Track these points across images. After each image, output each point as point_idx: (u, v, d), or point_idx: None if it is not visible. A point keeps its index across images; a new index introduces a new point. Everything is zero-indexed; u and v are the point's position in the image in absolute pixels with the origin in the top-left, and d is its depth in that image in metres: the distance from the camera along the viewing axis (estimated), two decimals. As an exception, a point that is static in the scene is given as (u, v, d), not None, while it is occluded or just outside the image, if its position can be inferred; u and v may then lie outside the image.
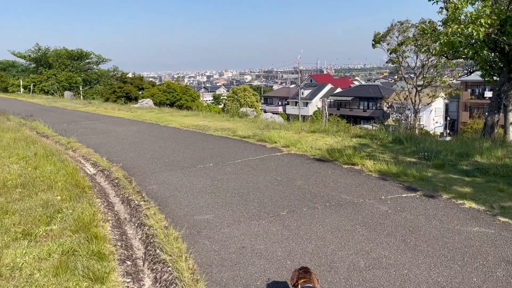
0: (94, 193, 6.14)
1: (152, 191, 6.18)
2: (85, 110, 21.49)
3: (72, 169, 7.12)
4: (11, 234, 4.32)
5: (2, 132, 11.46)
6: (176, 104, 39.36)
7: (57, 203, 5.33)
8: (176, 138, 11.05)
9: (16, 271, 3.59)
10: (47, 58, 57.66)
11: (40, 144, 9.58)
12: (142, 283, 3.75)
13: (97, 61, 61.43)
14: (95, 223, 4.81)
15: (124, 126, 13.89)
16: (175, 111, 18.60)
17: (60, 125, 14.42)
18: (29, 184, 6.14)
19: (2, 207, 5.06)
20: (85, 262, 3.78)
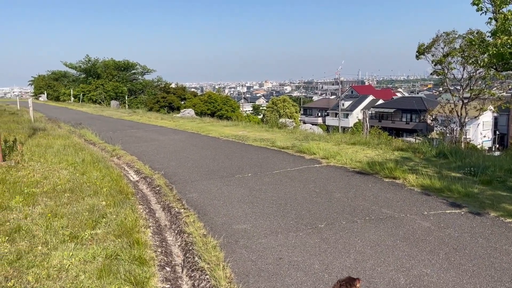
0: (136, 199, 6.34)
1: (192, 199, 6.31)
2: (130, 119, 22.26)
3: (116, 176, 7.40)
4: (59, 237, 4.53)
5: (54, 139, 12.08)
6: (217, 114, 40.01)
7: (102, 208, 5.55)
8: (215, 147, 11.23)
9: (63, 272, 3.76)
10: (96, 69, 60.34)
11: (88, 151, 10.02)
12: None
13: (142, 71, 63.61)
14: (137, 229, 4.96)
15: (166, 135, 14.28)
16: (215, 121, 18.92)
17: (106, 133, 15.02)
18: (77, 189, 6.43)
19: (52, 210, 5.32)
20: (127, 266, 3.90)
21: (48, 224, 4.86)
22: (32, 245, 4.28)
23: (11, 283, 3.47)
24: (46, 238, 4.47)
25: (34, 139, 11.86)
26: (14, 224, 4.82)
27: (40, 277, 3.62)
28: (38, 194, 6.08)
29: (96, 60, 62.19)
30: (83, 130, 15.67)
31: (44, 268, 3.79)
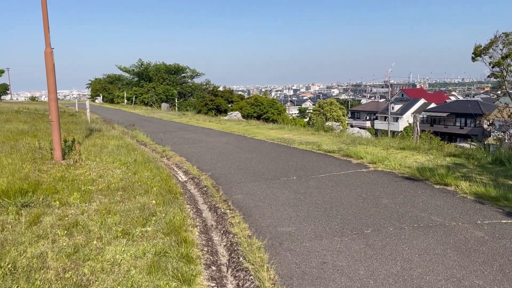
0: (184, 199, 6.53)
1: (238, 201, 6.41)
2: (179, 121, 22.91)
3: (166, 176, 7.66)
4: (112, 232, 4.77)
5: (108, 139, 12.69)
6: (263, 117, 40.24)
7: (152, 207, 5.77)
8: (261, 150, 11.32)
9: (115, 266, 3.96)
10: (148, 72, 62.57)
11: (139, 151, 10.43)
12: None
13: (191, 75, 65.23)
14: (185, 227, 5.11)
15: (213, 137, 14.58)
16: (261, 124, 19.05)
17: (156, 134, 15.58)
18: (129, 188, 6.72)
19: (106, 207, 5.61)
20: (174, 263, 4.05)
21: (103, 220, 5.12)
22: (88, 240, 4.53)
23: (68, 275, 3.71)
24: (101, 233, 4.72)
25: (91, 139, 12.51)
26: (72, 219, 5.13)
27: (95, 270, 3.84)
28: (94, 192, 6.43)
29: (148, 64, 64.56)
30: (135, 131, 16.34)
31: (98, 261, 4.01)
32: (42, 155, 8.96)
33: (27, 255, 4.06)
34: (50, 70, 8.60)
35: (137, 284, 3.62)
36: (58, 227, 4.84)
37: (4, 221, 4.96)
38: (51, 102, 8.72)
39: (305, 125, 31.16)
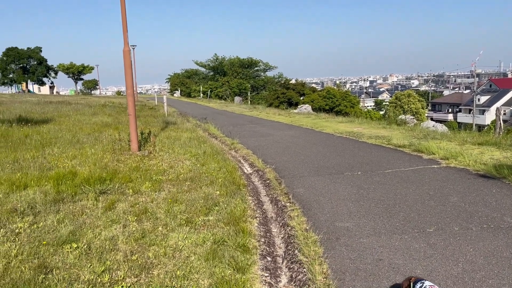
0: (247, 191, 6.73)
1: (298, 194, 6.47)
2: (250, 114, 23.35)
3: (231, 168, 7.93)
4: (177, 220, 5.09)
5: (182, 132, 13.37)
6: (335, 109, 39.58)
7: (215, 197, 6.04)
8: (328, 144, 11.22)
9: (177, 252, 4.24)
10: (223, 67, 64.31)
11: (209, 143, 10.88)
12: (279, 279, 4.01)
13: (264, 68, 65.93)
14: (245, 218, 5.29)
15: (281, 131, 14.70)
16: (330, 117, 18.80)
17: (227, 127, 16.06)
18: (196, 178, 7.07)
19: (173, 196, 5.98)
20: (231, 252, 4.23)
21: (169, 208, 5.47)
22: (155, 226, 4.89)
23: (135, 257, 4.04)
24: (167, 221, 5.05)
25: (166, 131, 13.27)
26: (142, 206, 5.55)
27: (158, 254, 4.14)
28: (164, 181, 6.86)
29: (223, 58, 66.34)
30: (207, 125, 16.99)
31: (162, 247, 4.32)
32: (121, 146, 9.70)
33: (101, 238, 4.48)
34: (128, 68, 9.26)
35: (194, 270, 3.85)
36: (129, 213, 5.27)
37: (84, 206, 5.50)
38: (129, 97, 9.40)
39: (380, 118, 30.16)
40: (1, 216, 4.98)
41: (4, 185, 6.23)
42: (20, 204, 5.43)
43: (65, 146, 9.58)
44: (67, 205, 5.48)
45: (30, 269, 3.66)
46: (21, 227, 4.66)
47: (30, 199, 5.65)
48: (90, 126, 13.76)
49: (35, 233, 4.51)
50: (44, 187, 6.23)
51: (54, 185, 6.23)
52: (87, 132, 12.32)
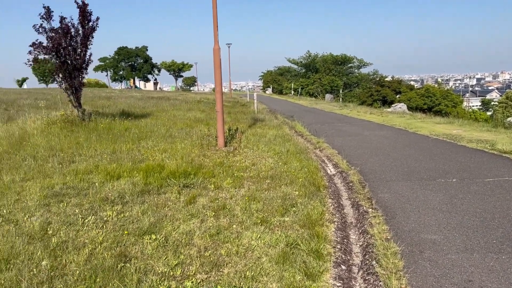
0: (327, 193, 6.50)
1: (382, 200, 6.07)
2: (340, 112, 22.74)
3: (314, 168, 7.73)
4: (253, 219, 5.07)
5: (268, 129, 13.44)
6: (434, 109, 36.91)
7: (294, 198, 5.92)
8: (421, 146, 10.43)
9: (249, 251, 4.21)
10: (315, 64, 63.64)
11: (293, 142, 10.77)
12: (352, 291, 3.78)
13: (358, 65, 63.94)
14: (322, 222, 5.10)
15: (370, 130, 14.05)
16: (427, 118, 17.51)
17: (314, 126, 15.81)
18: (277, 177, 7.02)
19: (252, 194, 5.98)
20: (304, 257, 4.09)
21: (247, 206, 5.49)
22: (230, 223, 4.92)
23: (207, 253, 4.10)
24: (243, 218, 5.06)
25: (253, 128, 13.45)
26: (221, 202, 5.64)
27: (230, 252, 4.15)
28: (245, 178, 6.92)
29: (315, 55, 65.65)
30: (294, 122, 16.91)
31: (235, 245, 4.33)
32: (209, 142, 10.03)
33: (179, 231, 4.63)
34: (217, 66, 9.51)
35: (264, 272, 3.78)
36: (208, 209, 5.38)
37: (168, 198, 5.75)
38: (217, 94, 9.66)
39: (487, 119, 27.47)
40: (94, 203, 5.42)
41: (101, 174, 6.78)
42: (112, 193, 5.86)
43: (158, 140, 10.18)
44: (152, 197, 5.78)
45: (112, 257, 3.89)
46: (110, 215, 5.01)
47: (121, 189, 6.06)
48: (184, 121, 14.48)
49: (120, 222, 4.81)
50: (134, 178, 6.65)
51: (143, 177, 6.63)
52: (180, 127, 12.96)
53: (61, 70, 12.14)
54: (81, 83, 12.76)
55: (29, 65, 12.13)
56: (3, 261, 3.75)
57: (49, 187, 6.10)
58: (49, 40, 11.74)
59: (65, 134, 10.60)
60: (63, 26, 11.88)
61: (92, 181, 6.47)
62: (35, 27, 11.67)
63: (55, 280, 3.48)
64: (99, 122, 12.52)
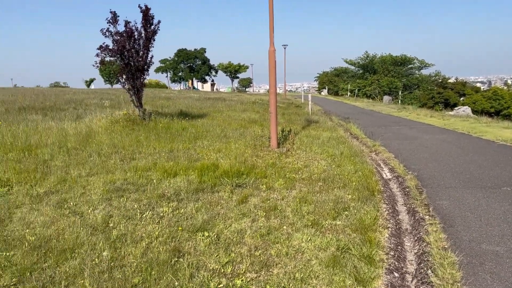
0: (382, 198, 6.33)
1: (441, 207, 5.81)
2: (398, 115, 21.99)
3: (368, 172, 7.56)
4: (304, 221, 5.06)
5: (322, 131, 13.32)
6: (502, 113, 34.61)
7: (346, 201, 5.83)
8: (485, 152, 9.84)
9: (299, 253, 4.21)
10: (373, 65, 62.03)
11: (348, 144, 10.58)
12: (405, 300, 3.67)
13: (419, 66, 61.52)
14: (374, 227, 4.98)
15: (430, 134, 13.46)
16: (493, 122, 16.48)
17: (370, 128, 15.42)
18: (329, 179, 6.94)
19: (303, 196, 5.96)
20: (355, 262, 4.02)
21: (298, 207, 5.48)
22: (281, 224, 4.94)
23: (258, 253, 4.15)
24: (293, 220, 5.07)
25: (306, 130, 13.38)
26: (272, 203, 5.68)
27: (280, 253, 4.17)
28: (297, 180, 6.91)
29: (373, 56, 64.02)
30: (349, 124, 16.60)
31: (285, 246, 4.34)
32: (262, 143, 10.12)
33: (231, 229, 4.73)
34: (272, 68, 9.57)
35: (314, 275, 3.77)
36: (260, 209, 5.44)
37: (221, 197, 5.88)
38: (271, 96, 9.72)
39: None
40: (152, 199, 5.66)
41: (159, 172, 7.07)
42: (168, 190, 6.09)
43: (213, 140, 10.43)
44: (206, 195, 5.94)
45: (166, 251, 4.06)
46: (166, 211, 5.21)
47: (177, 186, 6.29)
48: (238, 122, 14.71)
49: (175, 218, 4.99)
50: (190, 176, 6.87)
51: (198, 175, 6.83)
52: (235, 127, 13.18)
53: (124, 72, 12.80)
54: (143, 84, 13.37)
55: (96, 66, 12.91)
56: (69, 250, 4.04)
57: (111, 182, 6.46)
58: (115, 43, 12.42)
59: (127, 132, 11.15)
60: (127, 29, 12.51)
61: (151, 178, 6.76)
62: (102, 31, 12.40)
63: (114, 270, 3.69)
64: (159, 121, 13.05)
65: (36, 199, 5.61)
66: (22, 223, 4.74)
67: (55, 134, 10.42)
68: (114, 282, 3.47)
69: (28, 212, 5.10)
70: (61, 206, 5.36)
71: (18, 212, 5.13)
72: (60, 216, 4.96)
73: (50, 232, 4.46)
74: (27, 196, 5.70)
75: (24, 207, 5.29)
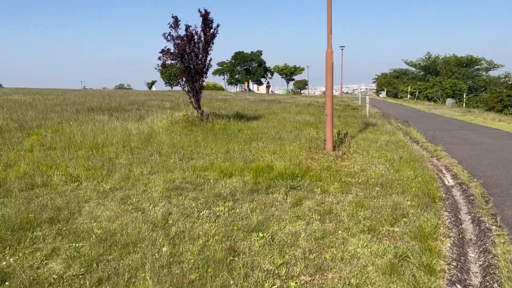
0: (444, 205, 6.05)
1: (510, 217, 5.44)
2: (462, 119, 20.88)
3: (429, 178, 7.26)
4: (360, 226, 4.96)
5: (380, 134, 12.96)
6: None
7: (405, 208, 5.64)
8: (563, 160, 9.08)
9: (354, 259, 4.14)
10: (435, 66, 59.35)
11: (407, 149, 10.22)
12: (468, 313, 3.49)
13: (487, 67, 57.99)
14: (435, 235, 4.78)
15: (498, 140, 12.64)
16: None
17: (432, 132, 14.78)
18: (387, 185, 6.75)
19: (360, 201, 5.85)
20: (413, 270, 3.88)
21: (354, 212, 5.39)
22: (336, 228, 4.88)
23: (312, 256, 4.13)
24: (349, 225, 4.99)
25: (363, 133, 13.09)
26: (327, 207, 5.62)
27: (335, 258, 4.13)
28: (353, 184, 6.79)
29: (436, 57, 61.26)
30: (409, 128, 16.00)
31: (340, 250, 4.29)
32: (317, 145, 10.03)
33: (285, 231, 4.74)
34: (329, 69, 9.48)
35: (370, 281, 3.69)
36: (314, 212, 5.41)
37: (275, 199, 5.92)
38: (327, 98, 9.62)
39: None
40: (209, 198, 5.82)
41: (215, 172, 7.24)
42: (224, 190, 6.22)
43: (268, 142, 10.49)
44: (260, 196, 6.00)
45: (222, 250, 4.15)
46: (222, 210, 5.33)
47: (233, 186, 6.41)
48: (293, 124, 14.69)
49: (231, 218, 5.09)
50: (245, 177, 6.97)
51: (253, 176, 6.91)
52: (289, 129, 13.18)
53: (184, 74, 13.25)
54: (201, 86, 13.77)
55: (158, 69, 13.48)
56: (131, 244, 4.25)
57: (170, 180, 6.71)
58: (176, 46, 12.89)
59: (186, 133, 11.52)
60: (188, 33, 12.94)
61: (208, 177, 6.95)
62: (164, 35, 12.92)
63: (173, 265, 3.84)
64: (216, 123, 13.36)
65: (103, 195, 5.96)
66: (90, 217, 5.06)
67: (119, 134, 11.00)
68: (173, 277, 3.61)
69: (95, 207, 5.43)
70: (125, 202, 5.65)
71: (87, 206, 5.48)
72: (123, 212, 5.24)
73: (115, 226, 4.72)
74: (95, 192, 6.07)
75: (91, 202, 5.65)
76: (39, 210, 5.16)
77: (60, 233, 4.53)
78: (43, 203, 5.44)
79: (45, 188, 6.23)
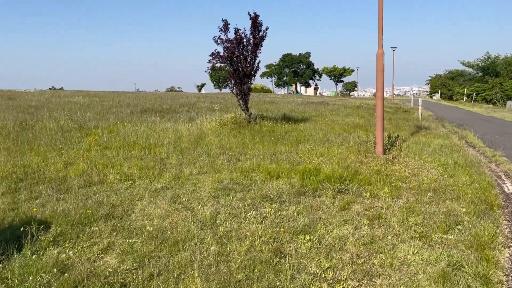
0: (503, 213, 5.72)
1: None
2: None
3: (486, 184, 6.91)
4: (410, 232, 4.81)
5: (433, 138, 12.47)
6: None
7: (460, 215, 5.40)
8: None
9: (404, 266, 4.01)
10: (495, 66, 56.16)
11: (463, 153, 9.76)
12: (528, 329, 3.28)
13: (553, 67, 54.07)
14: (493, 245, 4.53)
15: None
16: None
17: (490, 136, 14.01)
18: (440, 190, 6.48)
19: (411, 207, 5.66)
20: (468, 281, 3.71)
21: (404, 218, 5.22)
22: (386, 234, 4.76)
23: (360, 261, 4.05)
24: (399, 231, 4.85)
25: (415, 136, 12.65)
26: (376, 211, 5.49)
27: (384, 264, 4.02)
28: (404, 189, 6.58)
29: (496, 57, 57.94)
30: (465, 131, 15.27)
31: (389, 257, 4.17)
32: (366, 148, 9.82)
33: (332, 235, 4.69)
34: (380, 71, 9.26)
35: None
36: (363, 216, 5.30)
37: (322, 202, 5.86)
38: (378, 100, 9.40)
39: None
40: (255, 200, 5.87)
41: (262, 173, 7.29)
42: (271, 192, 6.25)
43: (316, 144, 10.41)
44: (307, 199, 5.97)
45: (269, 251, 4.17)
46: (268, 212, 5.36)
47: (279, 188, 6.42)
48: (341, 127, 14.47)
49: (277, 219, 5.11)
50: (291, 179, 6.96)
51: (300, 179, 6.88)
52: (338, 132, 13.00)
53: (233, 77, 13.45)
54: (250, 88, 13.91)
55: (208, 72, 13.78)
56: (181, 242, 4.38)
57: (218, 181, 6.84)
58: (225, 50, 13.11)
59: (234, 134, 11.69)
60: (237, 36, 13.12)
61: (255, 179, 7.00)
62: (214, 38, 13.19)
63: (220, 264, 3.91)
64: (263, 125, 13.44)
65: (154, 193, 6.18)
66: (142, 214, 5.27)
67: (170, 135, 11.35)
68: (220, 276, 3.68)
69: (147, 205, 5.65)
70: (175, 201, 5.83)
71: (139, 204, 5.70)
72: (174, 210, 5.40)
73: (165, 224, 4.88)
74: (147, 190, 6.31)
75: (144, 200, 5.87)
76: (96, 206, 5.44)
77: (115, 229, 4.75)
78: (100, 200, 5.73)
79: (101, 185, 6.56)
